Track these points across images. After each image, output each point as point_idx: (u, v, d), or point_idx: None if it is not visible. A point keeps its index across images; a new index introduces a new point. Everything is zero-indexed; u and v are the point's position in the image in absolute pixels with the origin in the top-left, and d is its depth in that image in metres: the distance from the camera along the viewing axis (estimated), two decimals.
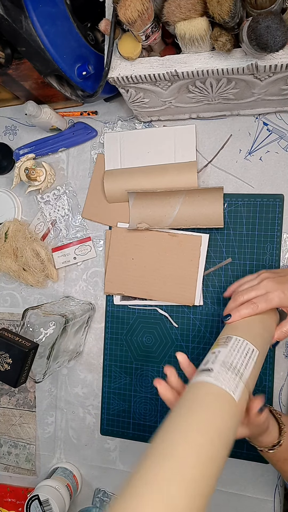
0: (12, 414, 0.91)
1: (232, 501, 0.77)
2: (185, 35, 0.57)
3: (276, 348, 0.75)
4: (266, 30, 0.49)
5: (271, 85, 0.64)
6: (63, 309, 0.78)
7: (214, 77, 0.62)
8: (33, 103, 0.77)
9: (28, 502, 0.78)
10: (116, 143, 0.83)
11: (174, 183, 0.78)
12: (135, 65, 0.62)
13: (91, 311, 0.83)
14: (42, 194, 0.88)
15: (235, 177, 0.78)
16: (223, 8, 0.50)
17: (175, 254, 0.79)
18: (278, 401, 0.75)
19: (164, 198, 0.78)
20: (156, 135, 0.81)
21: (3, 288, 0.92)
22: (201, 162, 0.80)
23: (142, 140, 0.81)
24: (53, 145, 0.87)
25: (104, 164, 0.83)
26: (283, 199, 0.75)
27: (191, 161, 0.78)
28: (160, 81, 0.63)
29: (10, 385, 0.64)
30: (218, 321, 0.78)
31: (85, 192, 0.86)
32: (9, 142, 0.92)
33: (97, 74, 0.70)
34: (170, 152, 0.80)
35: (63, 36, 0.65)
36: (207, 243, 0.78)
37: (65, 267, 0.88)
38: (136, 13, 0.54)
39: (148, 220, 0.79)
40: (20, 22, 0.60)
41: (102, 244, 0.86)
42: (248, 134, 0.77)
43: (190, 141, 0.79)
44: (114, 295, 0.83)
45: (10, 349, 0.63)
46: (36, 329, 0.70)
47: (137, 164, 0.81)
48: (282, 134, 0.76)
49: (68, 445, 0.88)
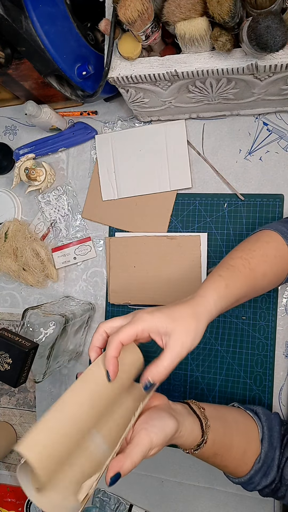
0: (12, 414, 0.91)
1: (232, 501, 0.77)
2: (185, 35, 0.57)
3: (276, 348, 0.75)
4: (266, 30, 0.49)
5: (271, 85, 0.64)
6: (63, 309, 0.78)
7: (214, 77, 0.62)
8: (33, 103, 0.77)
9: (28, 502, 0.78)
10: (107, 144, 0.83)
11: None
12: (135, 65, 0.62)
13: (91, 311, 0.83)
14: (42, 194, 0.88)
15: (234, 177, 0.78)
16: (223, 8, 0.50)
17: (176, 257, 0.79)
18: (278, 401, 0.75)
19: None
20: (147, 133, 0.81)
21: (3, 288, 0.92)
22: (195, 157, 0.80)
23: (133, 139, 0.82)
24: (53, 145, 0.87)
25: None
26: (283, 199, 0.75)
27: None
28: (160, 81, 0.63)
29: (10, 385, 0.64)
30: (218, 321, 0.78)
31: (85, 192, 0.86)
32: (9, 142, 0.92)
33: (97, 74, 0.70)
34: (162, 148, 0.80)
35: (63, 36, 0.65)
36: (206, 242, 0.78)
37: (65, 267, 0.88)
38: (136, 13, 0.54)
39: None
40: (20, 22, 0.60)
41: (102, 244, 0.86)
42: (248, 134, 0.77)
43: (181, 136, 0.79)
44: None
45: (10, 349, 0.63)
46: (36, 329, 0.70)
47: (129, 164, 0.81)
48: (282, 134, 0.76)
49: None
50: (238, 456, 0.57)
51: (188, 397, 0.78)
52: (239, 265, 0.54)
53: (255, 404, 0.75)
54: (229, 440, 0.56)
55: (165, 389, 0.80)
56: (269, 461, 0.58)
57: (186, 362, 0.79)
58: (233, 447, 0.56)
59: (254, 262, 0.55)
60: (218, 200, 0.78)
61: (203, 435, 0.52)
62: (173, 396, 0.79)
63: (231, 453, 0.56)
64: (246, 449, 0.58)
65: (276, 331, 0.75)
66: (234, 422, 0.59)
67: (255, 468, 0.58)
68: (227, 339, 0.77)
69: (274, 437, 0.60)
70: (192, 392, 0.79)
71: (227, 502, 0.78)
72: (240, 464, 0.58)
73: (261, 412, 0.62)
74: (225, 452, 0.56)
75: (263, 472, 0.58)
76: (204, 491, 0.79)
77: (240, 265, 0.54)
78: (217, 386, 0.78)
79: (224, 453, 0.56)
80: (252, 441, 0.59)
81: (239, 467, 0.58)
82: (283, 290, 0.76)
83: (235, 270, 0.53)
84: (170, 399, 0.55)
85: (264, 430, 0.60)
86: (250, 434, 0.59)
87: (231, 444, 0.56)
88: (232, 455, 0.56)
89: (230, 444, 0.56)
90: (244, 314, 0.77)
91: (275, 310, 0.75)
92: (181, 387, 0.79)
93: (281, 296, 0.76)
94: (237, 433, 0.58)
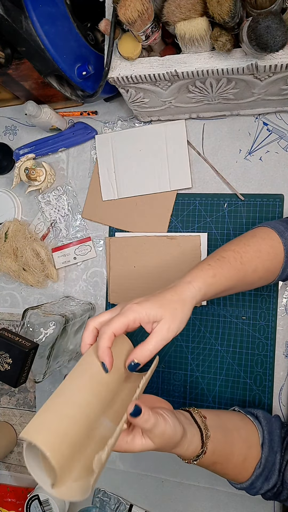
0: (12, 414, 0.91)
1: (232, 501, 0.77)
2: (185, 35, 0.57)
3: (276, 348, 0.75)
4: (266, 30, 0.49)
5: (271, 85, 0.64)
6: (63, 309, 0.78)
7: (214, 77, 0.62)
8: (33, 103, 0.77)
9: (28, 502, 0.78)
10: (107, 144, 0.83)
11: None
12: (135, 65, 0.62)
13: (91, 311, 0.83)
14: (42, 194, 0.88)
15: (234, 177, 0.78)
16: (223, 8, 0.50)
17: (176, 257, 0.79)
18: (278, 401, 0.75)
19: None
20: (147, 133, 0.81)
21: (3, 288, 0.92)
22: (195, 157, 0.80)
23: (133, 139, 0.82)
24: (53, 145, 0.87)
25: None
26: (283, 199, 0.75)
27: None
28: (160, 81, 0.63)
29: (10, 385, 0.64)
30: (218, 321, 0.78)
31: (85, 192, 0.86)
32: (9, 142, 0.92)
33: (97, 74, 0.70)
34: (162, 148, 0.80)
35: (63, 36, 0.65)
36: (206, 242, 0.78)
37: (65, 267, 0.88)
38: (136, 13, 0.54)
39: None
40: (20, 22, 0.60)
41: (102, 244, 0.86)
42: (248, 134, 0.77)
43: (181, 136, 0.79)
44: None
45: (10, 349, 0.63)
46: (36, 329, 0.70)
47: (129, 164, 0.81)
48: (282, 134, 0.76)
49: None
50: (239, 463, 0.57)
51: (188, 397, 0.79)
52: (230, 257, 0.55)
53: (255, 405, 0.75)
54: (229, 449, 0.56)
55: (165, 389, 0.80)
56: (270, 465, 0.58)
57: (186, 362, 0.79)
58: (233, 455, 0.56)
59: (246, 257, 0.55)
60: (218, 200, 0.78)
61: (202, 446, 0.52)
62: (173, 396, 0.79)
63: (231, 460, 0.56)
64: (247, 456, 0.58)
65: (276, 331, 0.75)
66: (235, 429, 0.59)
67: (256, 474, 0.57)
68: (227, 339, 0.77)
69: (275, 441, 0.60)
70: (192, 392, 0.79)
71: (228, 502, 0.78)
72: (240, 471, 0.58)
73: (262, 416, 0.62)
74: (225, 460, 0.56)
75: (265, 476, 0.58)
76: (204, 491, 0.79)
77: (232, 258, 0.55)
78: (217, 386, 0.78)
79: (224, 461, 0.56)
80: (253, 446, 0.59)
81: (239, 474, 0.58)
82: (283, 290, 0.76)
83: (225, 262, 0.54)
84: (170, 398, 0.55)
85: (265, 434, 0.60)
86: (250, 440, 0.59)
87: (231, 453, 0.56)
88: (232, 463, 0.56)
89: (230, 452, 0.56)
90: (244, 314, 0.77)
91: (275, 310, 0.75)
92: (181, 387, 0.79)
93: (281, 296, 0.76)
94: (238, 440, 0.58)
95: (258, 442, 0.59)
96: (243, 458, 0.57)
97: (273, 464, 0.58)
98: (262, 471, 0.58)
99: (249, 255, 0.56)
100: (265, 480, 0.58)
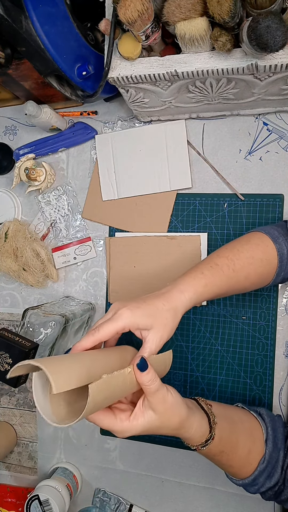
0: (12, 414, 0.91)
1: (232, 501, 0.77)
2: (185, 35, 0.57)
3: (276, 348, 0.75)
4: (266, 30, 0.49)
5: (271, 85, 0.64)
6: (63, 309, 0.78)
7: (214, 77, 0.62)
8: (33, 103, 0.77)
9: (28, 502, 0.78)
10: (107, 144, 0.83)
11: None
12: (135, 65, 0.62)
13: (91, 311, 0.83)
14: (42, 194, 0.88)
15: (234, 177, 0.78)
16: (223, 8, 0.50)
17: (176, 257, 0.79)
18: (278, 401, 0.75)
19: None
20: (147, 133, 0.81)
21: (3, 288, 0.92)
22: (195, 157, 0.80)
23: (133, 139, 0.82)
24: (53, 145, 0.87)
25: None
26: (283, 199, 0.75)
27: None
28: (160, 81, 0.63)
29: (10, 385, 0.64)
30: (218, 321, 0.78)
31: (85, 192, 0.86)
32: (9, 142, 0.92)
33: (97, 74, 0.70)
34: (162, 148, 0.80)
35: (63, 36, 0.65)
36: (206, 242, 0.78)
37: (65, 267, 0.88)
38: (136, 13, 0.54)
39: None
40: (20, 22, 0.60)
41: (102, 244, 0.86)
42: (248, 134, 0.77)
43: (181, 136, 0.79)
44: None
45: (10, 349, 0.62)
46: (36, 329, 0.70)
47: (129, 164, 0.81)
48: (282, 134, 0.76)
49: (68, 445, 0.88)
50: (244, 455, 0.57)
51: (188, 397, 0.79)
52: (223, 265, 0.56)
53: (255, 405, 0.75)
54: (235, 439, 0.56)
55: None
56: (273, 462, 0.58)
57: (186, 362, 0.79)
58: (239, 445, 0.56)
59: (239, 264, 0.57)
60: (218, 200, 0.78)
61: (210, 430, 0.53)
62: None
63: (237, 451, 0.56)
64: (251, 449, 0.58)
65: (276, 331, 0.75)
66: (240, 421, 0.59)
67: (259, 469, 0.57)
68: (227, 339, 0.77)
69: (279, 438, 0.60)
70: (192, 392, 0.79)
71: (228, 502, 0.78)
72: (245, 464, 0.58)
73: (265, 413, 0.62)
74: (231, 450, 0.56)
75: (268, 473, 0.58)
76: (204, 491, 0.79)
77: (225, 266, 0.56)
78: (217, 386, 0.78)
79: (230, 451, 0.56)
80: (257, 441, 0.59)
81: (243, 467, 0.58)
82: (283, 290, 0.76)
83: (218, 269, 0.56)
84: None
85: (269, 430, 0.60)
86: (255, 434, 0.59)
87: (237, 443, 0.56)
88: (238, 454, 0.57)
89: (236, 442, 0.56)
90: (244, 314, 0.77)
91: (275, 310, 0.75)
92: (181, 387, 0.79)
93: (281, 296, 0.76)
94: (243, 432, 0.58)
95: (262, 438, 0.59)
96: (248, 450, 0.57)
97: (277, 461, 0.58)
98: (266, 467, 0.58)
99: (242, 262, 0.57)
100: (267, 477, 0.58)
